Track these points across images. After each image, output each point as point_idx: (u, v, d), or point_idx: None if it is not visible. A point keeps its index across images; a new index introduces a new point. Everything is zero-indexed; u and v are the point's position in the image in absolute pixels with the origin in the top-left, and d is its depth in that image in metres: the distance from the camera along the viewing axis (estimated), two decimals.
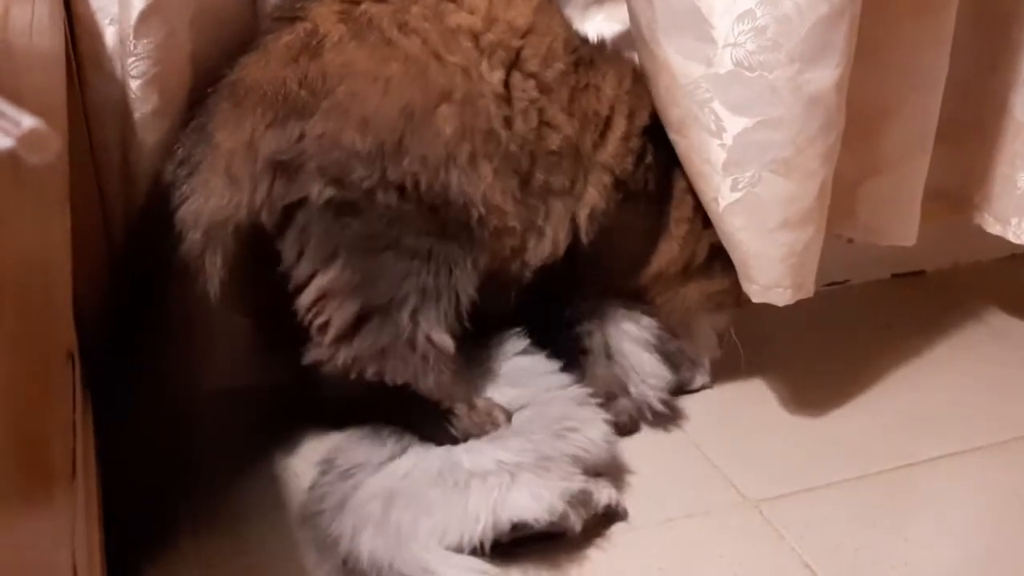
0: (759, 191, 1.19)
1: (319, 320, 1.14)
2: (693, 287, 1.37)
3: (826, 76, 1.15)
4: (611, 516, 1.18)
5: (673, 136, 1.25)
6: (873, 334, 1.59)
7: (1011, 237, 1.46)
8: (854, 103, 1.21)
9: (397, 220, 1.12)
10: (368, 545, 1.06)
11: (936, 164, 1.39)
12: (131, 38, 1.12)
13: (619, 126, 1.26)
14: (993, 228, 1.48)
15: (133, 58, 1.13)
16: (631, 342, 1.32)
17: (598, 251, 1.27)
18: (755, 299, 1.26)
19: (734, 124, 1.17)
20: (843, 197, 1.29)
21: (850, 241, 1.52)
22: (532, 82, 1.19)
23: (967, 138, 1.46)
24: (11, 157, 0.44)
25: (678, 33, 1.18)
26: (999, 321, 1.63)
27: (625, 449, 1.29)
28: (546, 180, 1.21)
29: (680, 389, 1.41)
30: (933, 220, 1.47)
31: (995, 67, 1.42)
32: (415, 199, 1.11)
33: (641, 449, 1.31)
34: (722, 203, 1.21)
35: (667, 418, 1.36)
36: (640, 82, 1.28)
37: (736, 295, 1.34)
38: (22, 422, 0.52)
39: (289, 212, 1.11)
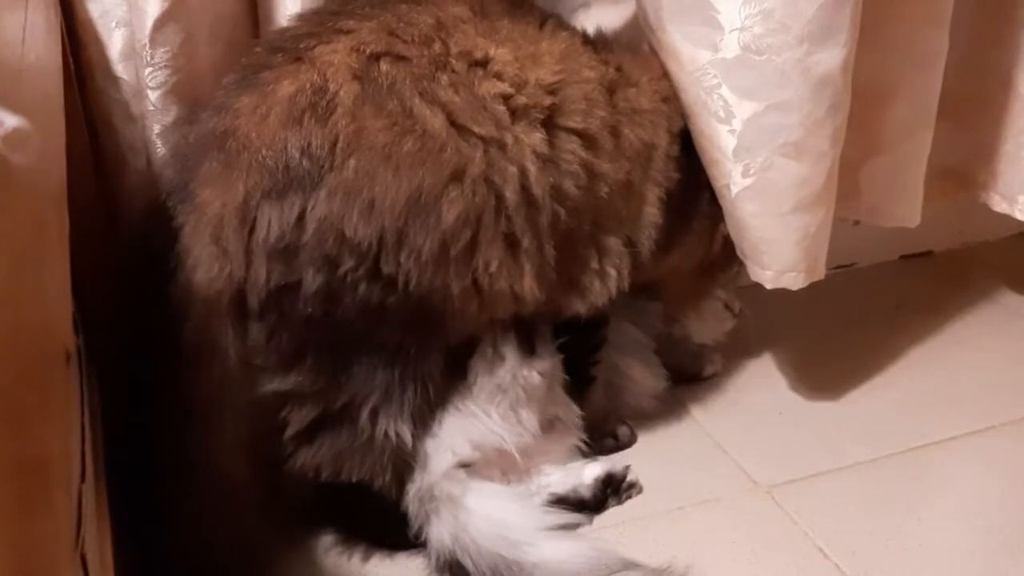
0: (771, 175, 1.18)
1: (276, 412, 1.07)
2: (706, 279, 1.36)
3: (834, 56, 1.14)
4: None
5: (685, 123, 1.24)
6: (882, 316, 1.58)
7: (1018, 215, 1.45)
8: (855, 82, 1.20)
9: (374, 313, 1.03)
10: (444, 533, 1.08)
11: (941, 143, 1.38)
12: (147, 48, 1.10)
13: (662, 141, 1.20)
14: (1000, 206, 1.47)
15: (151, 68, 1.11)
16: (629, 355, 1.32)
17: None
18: (769, 286, 1.25)
19: (743, 109, 1.16)
20: (846, 178, 1.28)
21: (856, 223, 1.51)
22: (576, 139, 1.11)
23: (972, 116, 1.45)
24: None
25: (684, 19, 1.17)
26: (1008, 299, 1.62)
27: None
28: (595, 224, 1.15)
29: (691, 379, 1.41)
30: (939, 200, 1.46)
31: (998, 44, 1.41)
32: (401, 294, 1.03)
33: (651, 436, 1.31)
34: (734, 189, 1.20)
35: (676, 406, 1.36)
36: (667, 78, 1.22)
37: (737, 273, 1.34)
38: (17, 425, 0.52)
39: (275, 294, 1.02)
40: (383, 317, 1.03)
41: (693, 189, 1.26)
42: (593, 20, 1.30)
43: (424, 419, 1.10)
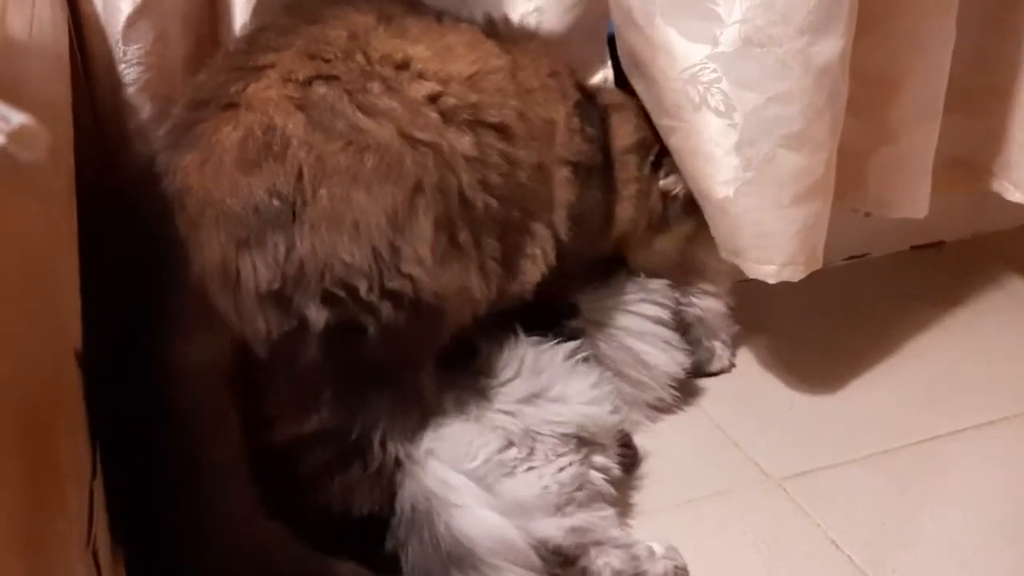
0: (772, 168, 1.18)
1: (290, 458, 1.03)
2: (664, 239, 1.36)
3: (833, 47, 1.14)
4: None
5: (667, 122, 1.23)
6: (894, 307, 1.57)
7: None
8: (863, 73, 1.20)
9: (392, 334, 1.01)
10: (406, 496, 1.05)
11: (952, 132, 1.37)
12: (120, 44, 1.10)
13: (559, 115, 1.20)
14: (1012, 195, 1.46)
15: (124, 65, 1.12)
16: (644, 339, 1.31)
17: (570, 239, 1.22)
18: (771, 280, 1.25)
19: (745, 102, 1.16)
20: (853, 169, 1.28)
21: (867, 215, 1.50)
22: (494, 133, 1.11)
23: (982, 105, 1.44)
24: (5, 154, 0.44)
25: (679, 13, 1.16)
26: (1021, 289, 1.61)
27: (646, 429, 1.29)
28: (523, 210, 1.15)
29: (697, 372, 1.40)
30: (951, 189, 1.45)
31: (1009, 33, 1.40)
32: (408, 307, 1.01)
33: (662, 429, 1.31)
34: (735, 185, 1.20)
35: (687, 398, 1.36)
36: (549, 53, 1.23)
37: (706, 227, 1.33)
38: (27, 421, 0.52)
39: (281, 342, 0.98)
40: (398, 336, 1.02)
41: (604, 156, 1.26)
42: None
43: (419, 433, 1.08)
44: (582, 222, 1.23)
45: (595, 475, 1.14)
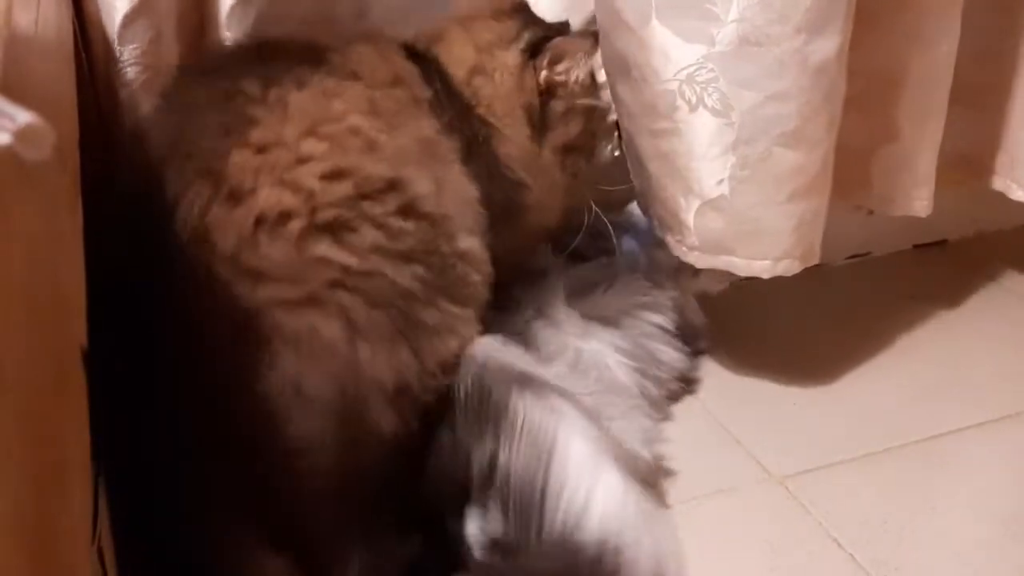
0: (768, 165, 1.18)
1: None
2: (545, 151, 1.21)
3: (830, 45, 1.14)
4: None
5: (660, 124, 1.23)
6: (896, 306, 1.57)
7: None
8: (866, 70, 1.20)
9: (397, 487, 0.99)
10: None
11: (955, 129, 1.37)
12: (116, 45, 1.10)
13: (425, 128, 1.06)
14: (1015, 194, 1.46)
15: (120, 65, 1.11)
16: (657, 341, 1.32)
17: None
18: (765, 275, 1.25)
19: (742, 101, 1.16)
20: (857, 167, 1.28)
21: (870, 213, 1.51)
22: (387, 195, 0.97)
23: (986, 102, 1.44)
24: (8, 152, 0.44)
25: (676, 14, 1.16)
26: (1023, 288, 1.61)
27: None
28: (447, 237, 1.03)
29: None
30: (954, 187, 1.45)
31: (1013, 28, 1.40)
32: (407, 450, 0.98)
33: (664, 427, 1.30)
34: (730, 183, 1.20)
35: (689, 395, 1.36)
36: (379, 52, 1.10)
37: (589, 141, 1.26)
38: (32, 419, 0.52)
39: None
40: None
41: (459, 108, 1.15)
42: None
43: None
44: (491, 177, 1.14)
45: None
